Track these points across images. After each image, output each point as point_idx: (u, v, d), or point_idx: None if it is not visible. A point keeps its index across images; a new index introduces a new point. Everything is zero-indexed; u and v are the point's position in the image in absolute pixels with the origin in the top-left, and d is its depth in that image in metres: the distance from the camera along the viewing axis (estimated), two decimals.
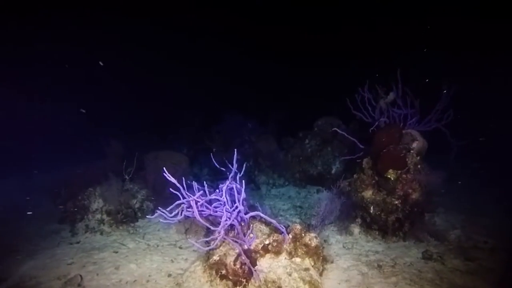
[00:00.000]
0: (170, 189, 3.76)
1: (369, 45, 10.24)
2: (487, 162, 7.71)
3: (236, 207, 3.79)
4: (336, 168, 7.92)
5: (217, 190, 4.02)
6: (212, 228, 3.65)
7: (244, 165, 4.69)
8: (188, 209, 3.77)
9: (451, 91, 5.47)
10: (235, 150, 4.23)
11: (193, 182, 3.92)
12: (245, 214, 3.93)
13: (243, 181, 3.92)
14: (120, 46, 11.11)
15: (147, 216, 3.88)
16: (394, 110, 5.62)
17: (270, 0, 11.07)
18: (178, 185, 3.67)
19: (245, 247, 3.80)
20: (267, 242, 3.79)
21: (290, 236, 3.83)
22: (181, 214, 3.75)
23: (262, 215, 3.71)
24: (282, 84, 11.99)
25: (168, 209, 3.64)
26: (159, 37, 11.80)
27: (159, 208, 3.59)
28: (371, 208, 5.00)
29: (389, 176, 4.74)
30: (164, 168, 3.68)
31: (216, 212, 3.90)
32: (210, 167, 8.12)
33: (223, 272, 3.70)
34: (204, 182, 3.90)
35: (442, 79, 5.48)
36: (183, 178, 3.96)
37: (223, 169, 4.52)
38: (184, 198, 3.76)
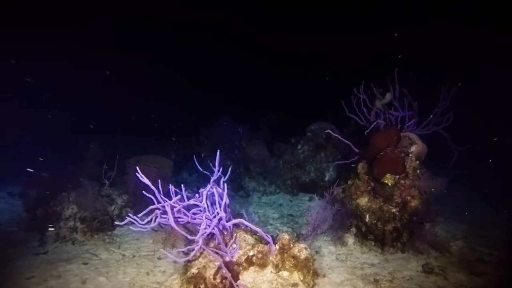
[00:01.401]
0: (143, 192, 3.37)
1: (365, 45, 9.96)
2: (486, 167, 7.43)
3: (217, 214, 3.40)
4: (330, 174, 7.56)
5: (197, 195, 3.62)
6: (189, 237, 3.24)
7: (230, 168, 4.33)
8: (163, 216, 3.37)
9: (451, 92, 5.17)
10: (218, 151, 3.87)
11: (170, 185, 3.52)
12: (228, 221, 3.53)
13: (225, 184, 3.53)
14: (110, 48, 10.71)
15: (116, 223, 3.44)
16: (391, 112, 5.30)
17: (264, 2, 10.80)
18: (153, 188, 3.28)
19: (227, 259, 3.40)
20: (251, 253, 3.39)
21: (277, 247, 3.44)
22: (154, 221, 3.35)
23: (245, 222, 3.31)
24: (274, 88, 11.67)
25: (140, 215, 3.23)
26: (150, 41, 11.46)
27: (129, 214, 3.19)
28: (367, 216, 4.63)
29: (386, 182, 4.37)
30: (138, 169, 3.30)
31: (195, 219, 3.50)
32: (200, 172, 7.73)
33: (202, 287, 3.29)
34: (182, 185, 3.51)
35: (442, 80, 5.17)
36: (160, 182, 3.59)
37: (208, 173, 4.13)
38: (159, 203, 3.38)
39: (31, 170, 6.51)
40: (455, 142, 5.43)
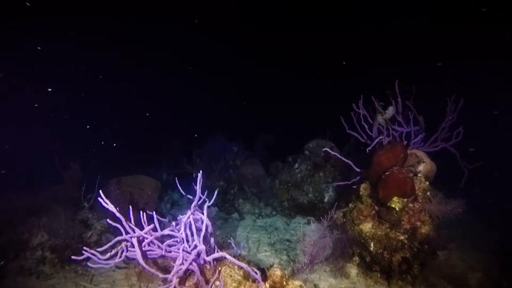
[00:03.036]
0: (107, 220, 2.88)
1: (364, 55, 9.54)
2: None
3: (195, 246, 2.88)
4: (329, 196, 7.03)
5: (173, 223, 3.12)
6: (160, 276, 2.71)
7: (216, 191, 3.87)
8: (131, 249, 2.86)
9: (459, 105, 4.75)
10: (201, 172, 3.40)
11: (141, 212, 3.02)
12: (209, 254, 3.01)
13: (206, 211, 3.04)
14: (101, 60, 10.28)
15: (72, 257, 2.90)
16: (395, 128, 4.85)
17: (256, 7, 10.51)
18: (118, 215, 2.79)
19: None
20: None
21: (267, 285, 2.90)
22: (120, 256, 2.83)
23: (228, 257, 2.80)
24: (271, 103, 11.25)
25: (101, 249, 2.72)
26: (142, 53, 11.12)
27: (84, 248, 2.68)
28: (371, 244, 4.10)
29: (393, 206, 3.87)
30: (101, 193, 2.84)
31: (170, 252, 2.98)
32: (193, 194, 7.15)
33: None
34: (153, 213, 3.01)
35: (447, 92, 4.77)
36: (131, 208, 3.11)
37: (191, 197, 3.67)
38: (127, 233, 2.89)
39: None
40: (465, 159, 4.99)
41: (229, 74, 11.61)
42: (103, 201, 2.69)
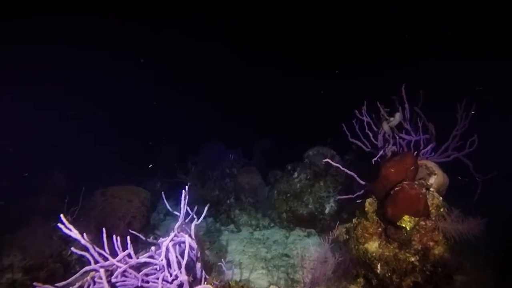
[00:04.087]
0: (72, 248, 2.48)
1: (369, 58, 9.16)
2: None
3: (177, 277, 2.48)
4: (330, 207, 6.64)
5: (152, 249, 2.70)
6: None
7: (206, 207, 3.50)
8: (100, 280, 2.45)
9: (471, 111, 4.39)
10: (186, 187, 3.02)
11: (115, 240, 2.61)
12: (194, 285, 2.60)
13: (193, 226, 2.64)
14: (94, 63, 9.95)
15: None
16: (402, 136, 4.46)
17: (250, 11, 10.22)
18: (84, 242, 2.39)
19: None
20: None
21: None
22: None
23: None
24: (269, 109, 10.91)
25: (61, 284, 2.32)
26: (136, 57, 10.81)
27: (35, 283, 2.28)
28: (378, 266, 3.68)
29: (403, 225, 3.46)
30: (62, 218, 2.44)
31: (148, 282, 2.57)
32: (188, 204, 6.75)
33: None
34: (128, 237, 2.60)
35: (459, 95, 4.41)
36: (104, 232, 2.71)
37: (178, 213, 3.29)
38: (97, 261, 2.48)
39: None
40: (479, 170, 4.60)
41: (226, 78, 11.31)
42: (65, 226, 2.28)
